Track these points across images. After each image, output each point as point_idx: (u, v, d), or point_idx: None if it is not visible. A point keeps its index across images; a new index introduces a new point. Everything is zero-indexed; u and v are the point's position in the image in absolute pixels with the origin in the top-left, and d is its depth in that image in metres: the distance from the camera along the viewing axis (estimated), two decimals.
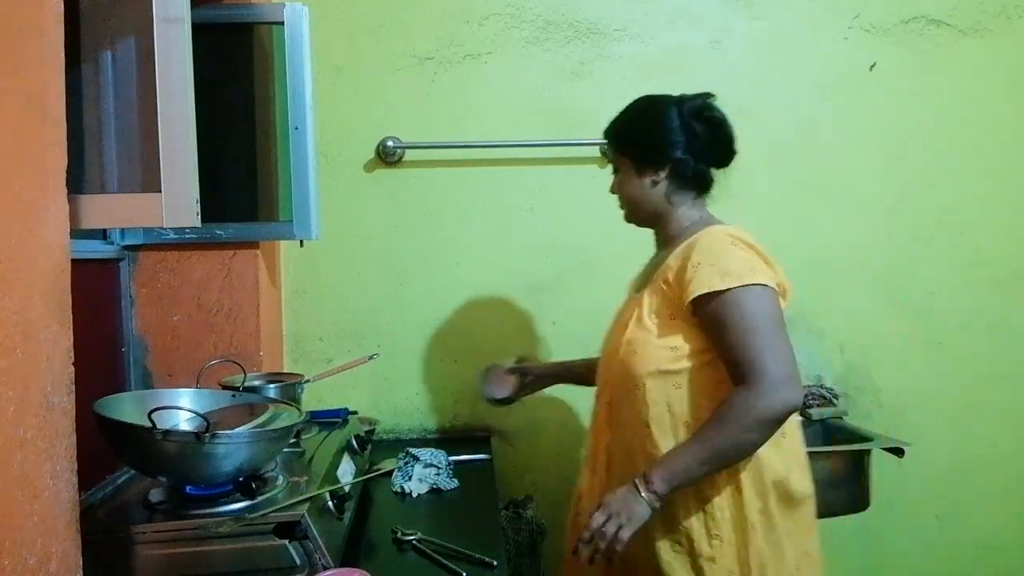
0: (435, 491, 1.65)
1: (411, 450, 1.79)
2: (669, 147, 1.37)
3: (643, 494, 1.21)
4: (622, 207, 1.47)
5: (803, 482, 1.34)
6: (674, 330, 1.30)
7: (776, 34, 2.20)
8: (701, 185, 1.42)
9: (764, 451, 1.26)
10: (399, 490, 1.64)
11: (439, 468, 1.69)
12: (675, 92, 2.18)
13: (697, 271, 1.25)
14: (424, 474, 1.67)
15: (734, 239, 1.29)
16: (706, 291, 1.23)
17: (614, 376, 1.39)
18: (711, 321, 1.25)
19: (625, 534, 1.20)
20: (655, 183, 1.39)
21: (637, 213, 1.45)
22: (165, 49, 1.06)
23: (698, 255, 1.27)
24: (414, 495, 1.62)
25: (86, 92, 1.18)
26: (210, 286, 1.80)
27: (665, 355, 1.29)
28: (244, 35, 1.82)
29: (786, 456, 1.31)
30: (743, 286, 1.22)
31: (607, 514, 1.21)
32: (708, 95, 1.41)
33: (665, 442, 1.29)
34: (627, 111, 1.46)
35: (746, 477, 1.28)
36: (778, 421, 1.20)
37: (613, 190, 1.48)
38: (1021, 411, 2.27)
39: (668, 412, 1.30)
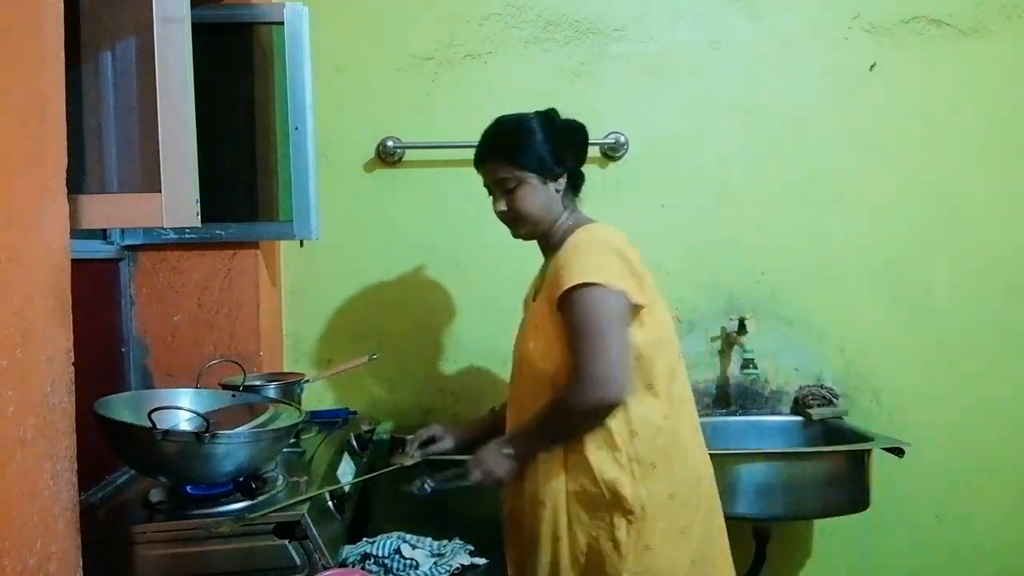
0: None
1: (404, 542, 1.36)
2: (561, 156, 1.46)
3: (508, 454, 1.38)
4: (521, 224, 1.48)
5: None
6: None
7: (776, 34, 2.20)
8: (579, 187, 1.53)
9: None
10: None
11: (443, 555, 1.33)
12: (675, 92, 2.22)
13: (561, 273, 1.34)
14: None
15: (594, 240, 1.38)
16: (562, 290, 1.32)
17: (525, 383, 1.46)
18: (562, 318, 1.35)
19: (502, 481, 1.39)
20: (558, 191, 1.46)
21: (543, 223, 1.47)
22: (165, 49, 1.06)
23: (565, 257, 1.36)
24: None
25: (86, 92, 1.19)
26: (210, 286, 1.80)
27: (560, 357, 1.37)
28: (244, 35, 1.82)
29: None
30: (583, 285, 1.31)
31: (481, 471, 1.37)
32: (555, 110, 1.52)
33: None
34: (512, 128, 1.48)
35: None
36: (595, 415, 1.33)
37: (505, 209, 1.47)
38: (1021, 411, 2.27)
39: None
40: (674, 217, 2.19)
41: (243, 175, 1.88)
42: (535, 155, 1.44)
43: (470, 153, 2.11)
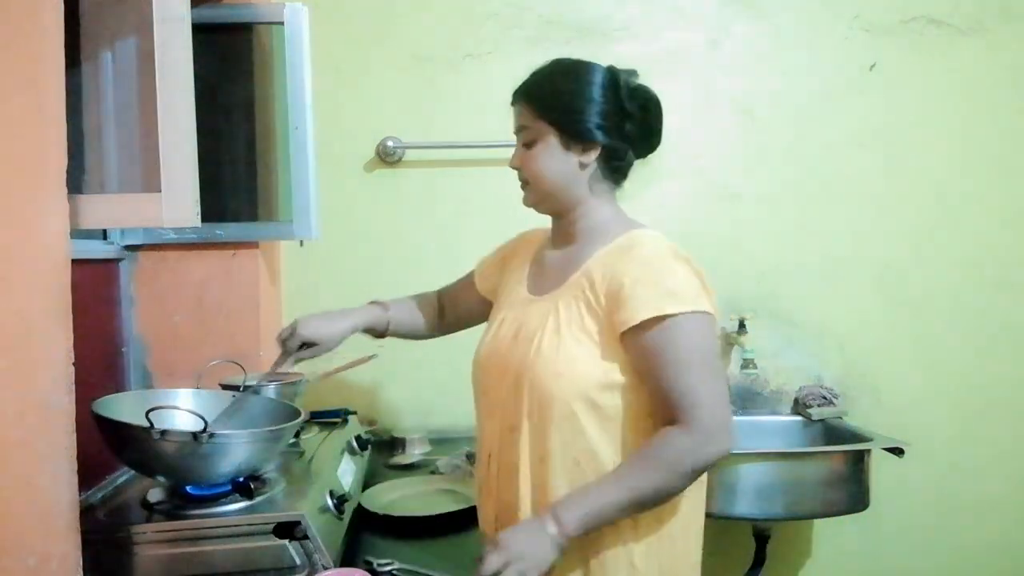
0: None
1: None
2: (606, 127, 1.16)
3: (551, 533, 1.02)
4: (529, 190, 1.22)
5: None
6: (608, 354, 1.09)
7: (776, 34, 2.20)
8: (622, 177, 1.24)
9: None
10: None
11: None
12: (675, 92, 2.21)
13: (637, 289, 1.06)
14: None
15: (676, 253, 1.12)
16: (653, 315, 1.04)
17: (534, 399, 1.12)
18: (647, 348, 1.06)
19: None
20: (583, 165, 1.17)
21: (553, 197, 1.20)
22: (165, 49, 1.06)
23: (635, 268, 1.09)
24: None
25: (86, 92, 1.19)
26: (210, 286, 1.80)
27: (597, 382, 1.09)
28: (244, 35, 1.82)
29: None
30: (690, 312, 1.05)
31: (505, 559, 1.00)
32: (635, 72, 1.23)
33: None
34: (559, 71, 1.21)
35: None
36: (706, 470, 1.08)
37: (517, 164, 1.21)
38: (1021, 411, 2.27)
39: (600, 449, 1.10)
40: (674, 217, 2.19)
41: (243, 175, 1.88)
42: (565, 107, 1.16)
43: (471, 153, 2.14)
